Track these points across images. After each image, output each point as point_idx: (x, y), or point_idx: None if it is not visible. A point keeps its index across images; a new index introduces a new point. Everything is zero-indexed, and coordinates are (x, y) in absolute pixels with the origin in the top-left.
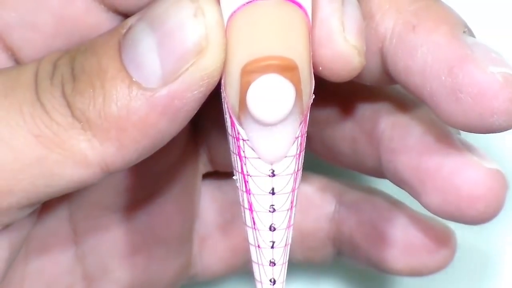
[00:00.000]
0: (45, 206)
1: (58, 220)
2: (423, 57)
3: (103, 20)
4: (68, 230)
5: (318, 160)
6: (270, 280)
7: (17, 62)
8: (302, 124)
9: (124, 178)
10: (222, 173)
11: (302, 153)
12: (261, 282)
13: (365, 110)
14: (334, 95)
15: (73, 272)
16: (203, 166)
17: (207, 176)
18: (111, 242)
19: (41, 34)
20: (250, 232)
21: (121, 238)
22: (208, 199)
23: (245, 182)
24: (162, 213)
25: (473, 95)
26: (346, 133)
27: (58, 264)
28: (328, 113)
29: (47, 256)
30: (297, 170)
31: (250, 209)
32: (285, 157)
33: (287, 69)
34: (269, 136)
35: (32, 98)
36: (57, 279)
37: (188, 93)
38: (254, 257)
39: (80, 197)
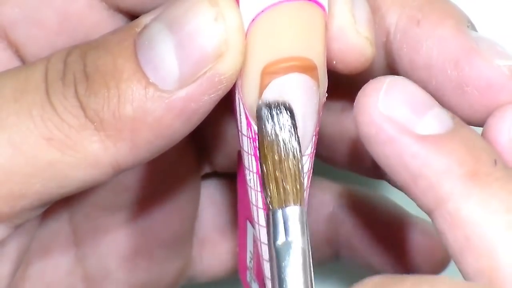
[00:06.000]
0: (47, 209)
1: (58, 222)
2: (428, 51)
3: (104, 17)
4: (68, 232)
5: (317, 162)
6: None
7: (21, 58)
8: (317, 124)
9: (123, 179)
10: (221, 174)
11: (314, 152)
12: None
13: None
14: (333, 94)
15: (74, 273)
16: (202, 166)
17: (205, 177)
18: (111, 244)
19: (45, 31)
20: (263, 231)
21: (120, 239)
22: (207, 201)
23: (260, 182)
24: (161, 214)
25: (479, 88)
26: (344, 133)
27: (59, 266)
28: (327, 112)
29: (47, 258)
30: (310, 169)
31: (265, 208)
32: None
33: (308, 69)
34: None
35: (42, 100)
36: (57, 281)
37: (205, 96)
38: (266, 255)
39: (80, 199)
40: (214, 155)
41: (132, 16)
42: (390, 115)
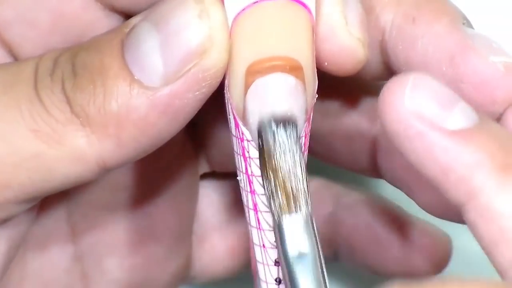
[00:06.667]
0: (43, 206)
1: (56, 220)
2: (423, 48)
3: (99, 17)
4: (66, 230)
5: (316, 161)
6: (276, 280)
7: (15, 58)
8: (305, 124)
9: (121, 177)
10: (220, 173)
11: (306, 153)
12: (266, 282)
13: (362, 109)
14: (331, 93)
15: (71, 271)
16: (200, 166)
17: (204, 176)
18: (108, 242)
19: (39, 31)
20: (254, 232)
21: (118, 238)
22: (206, 200)
23: (249, 182)
24: (160, 213)
25: (474, 84)
26: (342, 132)
27: (56, 264)
28: (325, 111)
29: (45, 256)
30: None
31: (255, 209)
32: None
33: (292, 69)
34: None
35: (31, 95)
36: (55, 279)
37: (189, 93)
38: (259, 257)
39: (77, 197)
40: (212, 154)
41: (128, 16)
42: (418, 111)
